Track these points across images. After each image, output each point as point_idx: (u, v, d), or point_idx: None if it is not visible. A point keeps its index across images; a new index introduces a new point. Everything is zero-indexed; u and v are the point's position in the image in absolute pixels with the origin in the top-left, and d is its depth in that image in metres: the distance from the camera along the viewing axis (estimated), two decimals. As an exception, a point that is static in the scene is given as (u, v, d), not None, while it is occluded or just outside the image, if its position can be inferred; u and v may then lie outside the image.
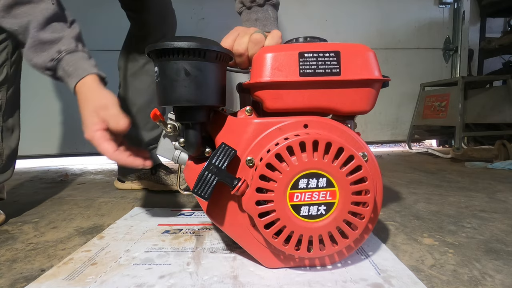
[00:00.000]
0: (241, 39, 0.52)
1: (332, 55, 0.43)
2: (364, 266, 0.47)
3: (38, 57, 0.56)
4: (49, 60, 0.56)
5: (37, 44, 0.56)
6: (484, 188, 0.96)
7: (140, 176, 1.02)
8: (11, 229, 0.68)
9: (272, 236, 0.42)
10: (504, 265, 0.47)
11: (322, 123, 0.44)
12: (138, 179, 1.02)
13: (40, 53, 0.56)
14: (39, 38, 0.55)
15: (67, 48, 0.56)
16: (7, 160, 0.72)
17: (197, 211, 0.75)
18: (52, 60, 0.56)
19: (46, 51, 0.56)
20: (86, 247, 0.56)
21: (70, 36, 0.58)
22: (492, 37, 1.97)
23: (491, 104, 1.62)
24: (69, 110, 1.73)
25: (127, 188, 1.05)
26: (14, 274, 0.48)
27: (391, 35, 1.96)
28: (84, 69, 0.56)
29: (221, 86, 0.46)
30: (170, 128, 0.49)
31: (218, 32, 0.55)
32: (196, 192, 0.41)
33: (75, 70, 0.56)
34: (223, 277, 0.44)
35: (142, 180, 1.02)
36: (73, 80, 0.56)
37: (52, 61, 0.56)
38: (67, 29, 0.58)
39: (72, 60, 0.56)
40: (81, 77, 0.56)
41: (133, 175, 1.02)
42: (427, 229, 0.63)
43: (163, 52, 0.41)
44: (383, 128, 2.02)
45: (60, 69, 0.57)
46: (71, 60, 0.56)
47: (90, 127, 0.53)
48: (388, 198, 0.86)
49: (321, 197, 0.41)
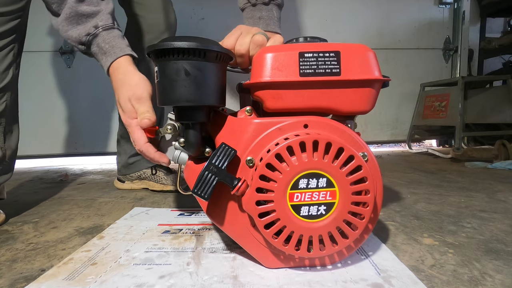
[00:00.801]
0: (243, 39, 0.52)
1: (332, 55, 0.43)
2: (364, 266, 0.47)
3: (74, 30, 0.55)
4: (85, 34, 0.54)
5: (74, 16, 0.54)
6: (484, 188, 0.96)
7: (140, 176, 1.02)
8: (11, 229, 0.68)
9: (272, 236, 0.42)
10: (504, 265, 0.47)
11: (322, 123, 0.44)
12: (138, 179, 1.02)
13: (76, 25, 0.54)
14: (77, 9, 0.54)
15: (104, 24, 0.55)
16: (8, 160, 0.72)
17: (197, 211, 0.75)
18: (88, 35, 0.54)
19: (82, 24, 0.54)
20: (86, 247, 0.56)
21: (107, 11, 0.56)
22: (492, 37, 1.97)
23: (491, 104, 1.62)
24: (69, 110, 1.73)
25: (127, 188, 1.04)
26: (14, 274, 0.48)
27: (391, 35, 1.96)
28: (121, 49, 0.55)
29: (221, 86, 0.46)
30: (170, 128, 0.49)
31: (218, 32, 0.55)
32: (196, 192, 0.41)
33: (111, 48, 0.55)
34: (223, 277, 0.44)
35: (142, 180, 1.02)
36: (108, 59, 0.55)
37: (88, 35, 0.55)
38: (102, 3, 0.57)
39: (108, 38, 0.55)
40: (118, 56, 0.55)
41: (134, 174, 1.02)
42: (427, 229, 0.63)
43: (163, 52, 0.41)
44: (383, 128, 2.02)
45: (94, 45, 0.55)
46: (107, 37, 0.55)
47: (128, 113, 0.53)
48: (388, 198, 0.86)
49: (321, 197, 0.41)
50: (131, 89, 0.53)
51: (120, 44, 0.56)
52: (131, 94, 0.53)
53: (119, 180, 1.06)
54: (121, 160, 1.03)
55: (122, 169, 1.04)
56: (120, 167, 1.04)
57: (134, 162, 1.01)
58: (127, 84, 0.54)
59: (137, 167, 1.02)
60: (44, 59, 1.70)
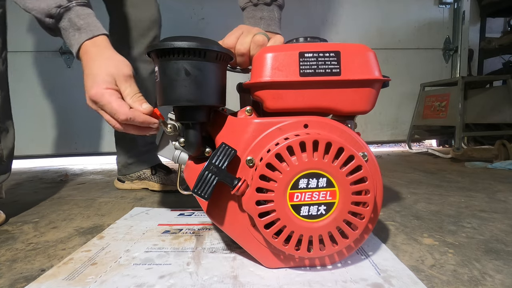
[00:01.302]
0: (244, 39, 0.52)
1: (332, 55, 0.43)
2: (364, 266, 0.47)
3: (42, 0, 0.49)
4: (55, 5, 0.49)
5: None
6: (484, 188, 0.96)
7: (140, 176, 1.02)
8: (11, 229, 0.68)
9: (272, 236, 0.42)
10: (504, 265, 0.47)
11: (322, 123, 0.44)
12: (138, 179, 1.02)
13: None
14: None
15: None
16: (6, 160, 0.72)
17: (197, 211, 0.75)
18: (59, 7, 0.49)
19: None
20: (86, 247, 0.56)
21: None
22: (492, 37, 1.98)
23: (491, 104, 1.62)
24: (69, 110, 1.73)
25: (127, 188, 1.04)
26: (14, 274, 0.48)
27: (391, 35, 1.96)
28: (98, 28, 0.51)
29: (221, 86, 0.46)
30: (170, 128, 0.49)
31: (218, 32, 0.55)
32: (196, 192, 0.41)
33: (87, 25, 0.50)
34: (223, 277, 0.44)
35: (142, 180, 1.02)
36: (83, 35, 0.50)
37: (59, 7, 0.49)
38: None
39: (83, 14, 0.50)
40: (95, 34, 0.50)
41: (134, 174, 1.02)
42: (427, 229, 0.63)
43: (163, 52, 0.41)
44: (383, 128, 2.02)
45: (65, 19, 0.50)
46: (82, 13, 0.50)
47: (101, 84, 0.46)
48: (388, 198, 0.86)
49: (321, 197, 0.41)
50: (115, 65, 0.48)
51: (97, 23, 0.51)
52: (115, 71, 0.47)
53: (119, 180, 1.06)
54: (121, 160, 1.03)
55: (122, 169, 1.03)
56: (120, 167, 1.04)
57: (134, 162, 1.01)
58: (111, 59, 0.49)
59: (137, 167, 1.01)
60: (44, 59, 1.70)
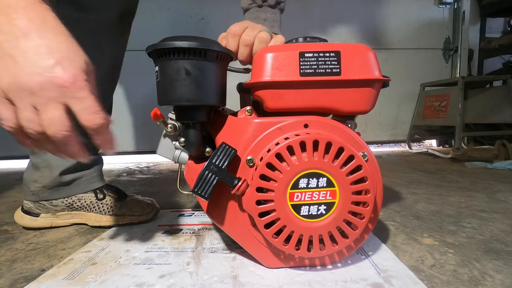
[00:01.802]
0: (250, 31, 0.52)
1: (333, 55, 0.43)
2: (364, 266, 0.47)
3: None
4: None
5: None
6: (484, 188, 0.96)
7: (73, 204, 0.67)
8: (11, 229, 0.68)
9: (272, 236, 0.42)
10: (504, 265, 0.47)
11: (323, 123, 0.44)
12: (68, 209, 0.67)
13: None
14: None
15: None
16: None
17: (197, 211, 0.75)
18: None
19: None
20: (86, 248, 0.56)
21: None
22: (492, 37, 1.98)
23: (491, 104, 1.62)
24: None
25: (42, 226, 0.66)
26: (14, 274, 0.48)
27: (391, 35, 1.96)
28: None
29: (222, 85, 0.46)
30: (170, 128, 0.48)
31: (218, 32, 0.55)
32: (196, 191, 0.41)
33: None
34: (223, 277, 0.44)
35: (75, 211, 0.67)
36: None
37: None
38: None
39: None
40: None
41: (63, 201, 0.66)
42: (427, 229, 0.63)
43: (163, 51, 0.41)
44: (383, 128, 2.02)
45: None
46: None
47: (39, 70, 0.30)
48: (388, 198, 0.86)
49: (321, 197, 0.41)
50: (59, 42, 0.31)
51: None
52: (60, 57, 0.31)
53: (27, 211, 0.66)
54: (43, 177, 0.65)
55: (43, 192, 0.65)
56: (38, 188, 0.65)
57: (74, 181, 0.67)
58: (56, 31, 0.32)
59: (78, 188, 0.67)
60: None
